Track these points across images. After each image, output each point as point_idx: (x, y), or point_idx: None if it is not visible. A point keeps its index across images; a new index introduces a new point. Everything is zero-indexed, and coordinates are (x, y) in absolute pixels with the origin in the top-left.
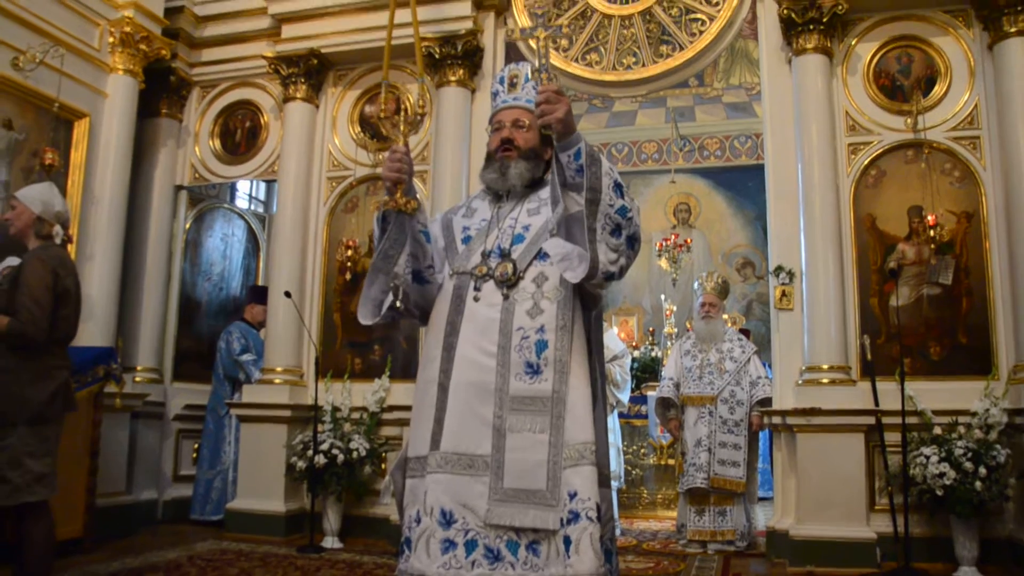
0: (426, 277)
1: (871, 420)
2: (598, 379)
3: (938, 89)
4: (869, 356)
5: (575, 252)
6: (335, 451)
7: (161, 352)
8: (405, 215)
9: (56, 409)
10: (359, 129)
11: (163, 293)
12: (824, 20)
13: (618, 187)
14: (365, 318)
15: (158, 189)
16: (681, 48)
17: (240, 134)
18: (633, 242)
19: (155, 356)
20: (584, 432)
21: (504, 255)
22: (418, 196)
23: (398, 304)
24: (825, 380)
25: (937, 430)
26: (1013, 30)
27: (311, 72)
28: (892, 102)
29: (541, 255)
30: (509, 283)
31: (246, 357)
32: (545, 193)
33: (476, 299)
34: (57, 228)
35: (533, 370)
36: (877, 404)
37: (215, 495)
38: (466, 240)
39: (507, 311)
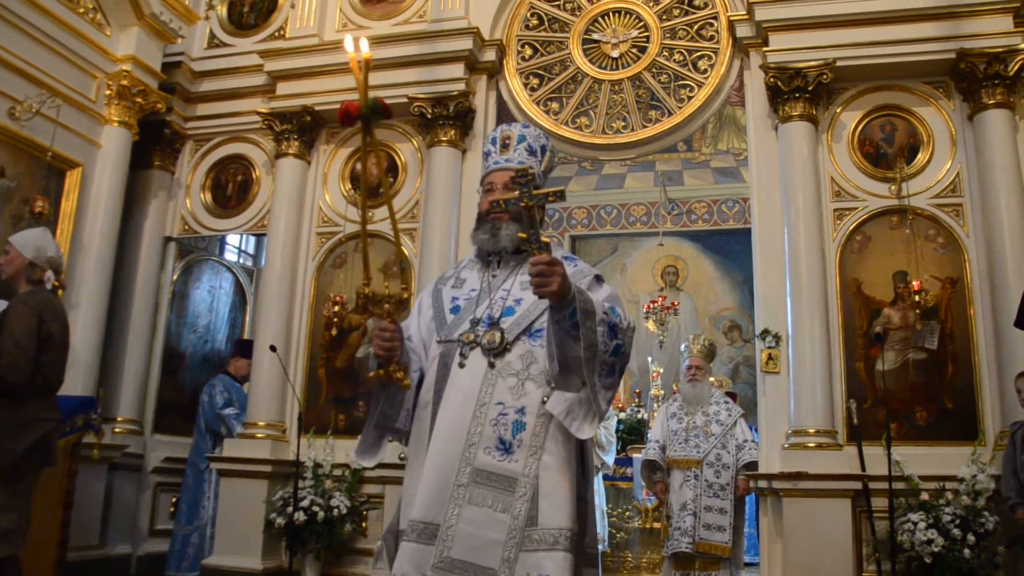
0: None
1: (858, 485)
2: (588, 461)
3: (921, 157)
4: (855, 420)
5: (576, 402)
6: (315, 508)
7: (143, 403)
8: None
9: (33, 463)
10: (350, 186)
11: (147, 343)
12: (810, 89)
13: (611, 329)
14: (368, 461)
15: (147, 240)
16: (670, 113)
17: (231, 188)
18: (624, 368)
19: (136, 407)
20: (561, 517)
21: (493, 324)
22: (413, 369)
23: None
24: (811, 444)
25: (924, 496)
26: (991, 102)
27: (304, 129)
28: (877, 169)
29: (531, 332)
30: (496, 351)
31: (229, 411)
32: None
33: (461, 365)
34: (49, 273)
35: (504, 448)
36: (864, 469)
37: (192, 551)
38: (455, 310)
39: (490, 382)
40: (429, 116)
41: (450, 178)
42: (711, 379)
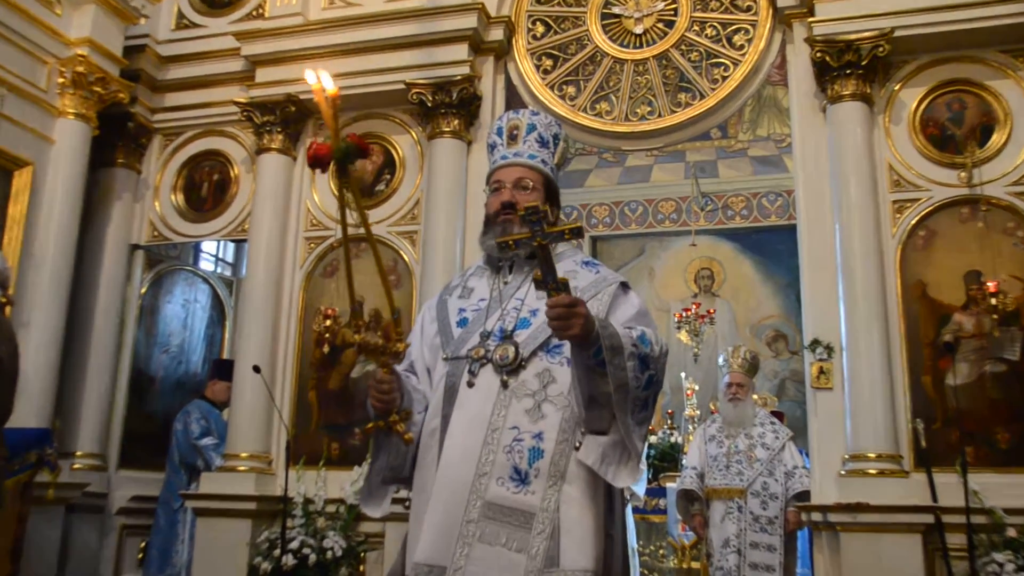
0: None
1: (929, 518)
2: (616, 492)
3: (996, 138)
4: (923, 443)
5: (610, 446)
6: (306, 550)
7: (106, 435)
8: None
9: None
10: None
11: (112, 366)
12: (863, 63)
13: (642, 361)
14: (374, 511)
15: (110, 248)
16: (702, 96)
17: (207, 188)
18: (657, 395)
19: (99, 439)
20: (585, 557)
21: (506, 337)
22: (417, 410)
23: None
24: (872, 471)
25: (1011, 532)
26: None
27: (288, 120)
28: (943, 154)
29: (549, 347)
30: (509, 368)
31: (206, 441)
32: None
33: (471, 385)
34: None
35: (520, 478)
36: (936, 500)
37: None
38: (462, 323)
39: (503, 403)
40: (429, 104)
41: (454, 174)
42: (754, 397)
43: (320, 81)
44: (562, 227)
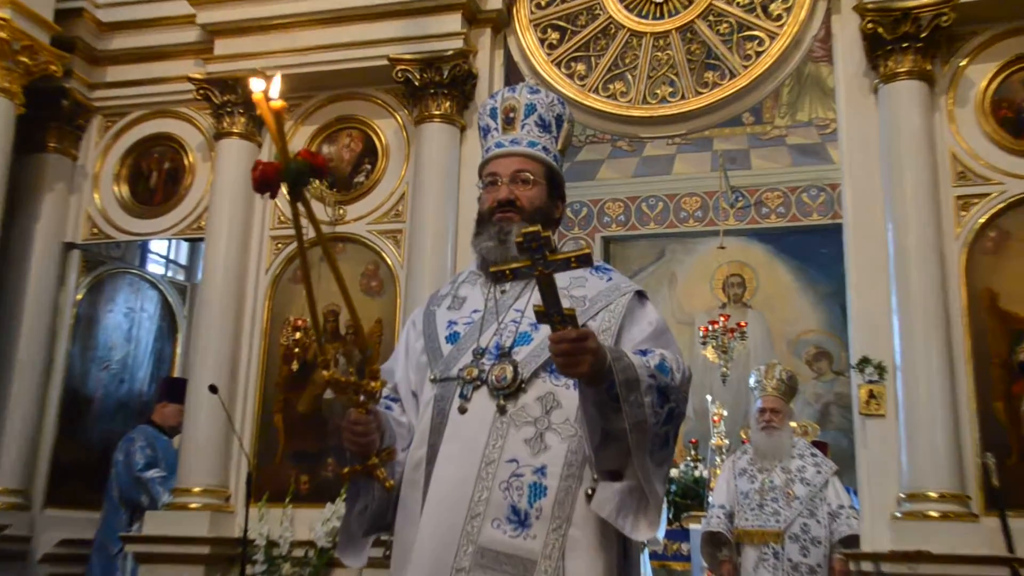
0: None
1: (1004, 572)
2: (631, 539)
3: None
4: (995, 481)
5: (627, 493)
6: None
7: (31, 467)
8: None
9: None
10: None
11: (39, 385)
12: (922, 36)
13: (662, 393)
14: (354, 561)
15: (39, 247)
16: (732, 75)
17: (156, 178)
18: (679, 427)
19: (21, 473)
20: None
21: (503, 355)
22: (400, 447)
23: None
24: (934, 513)
25: None
26: None
27: (252, 100)
28: (1017, 141)
29: (553, 368)
30: (507, 391)
31: (152, 473)
32: (562, 277)
33: (462, 410)
34: None
35: (519, 520)
36: (1012, 550)
37: None
38: (452, 338)
39: (499, 432)
40: (417, 83)
41: (445, 164)
42: (792, 424)
43: (265, 91)
44: (568, 254)
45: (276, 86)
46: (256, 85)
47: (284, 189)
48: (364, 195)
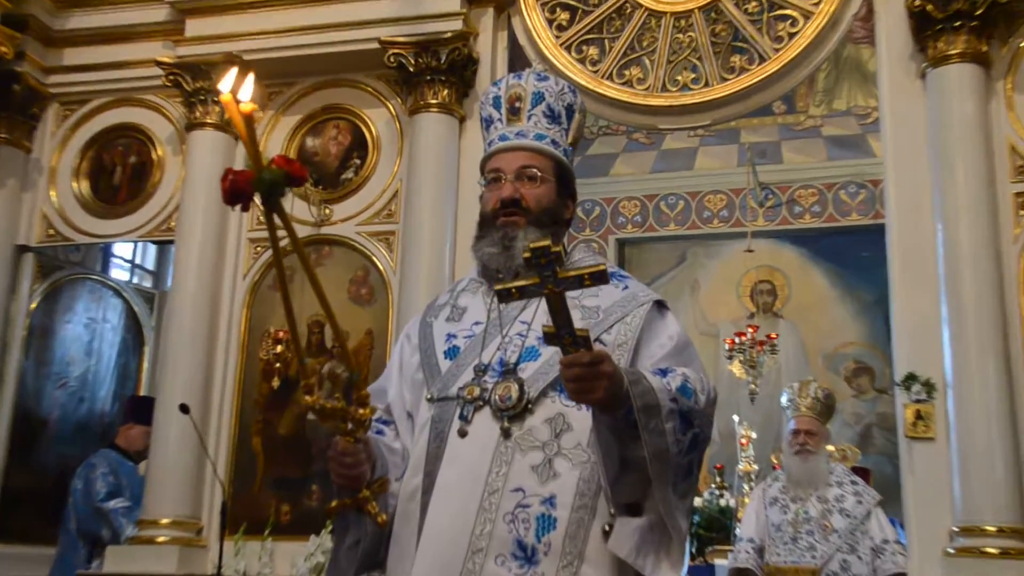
0: None
1: None
2: None
3: None
4: None
5: (648, 529)
6: None
7: None
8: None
9: None
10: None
11: None
12: (977, 13)
13: (685, 419)
14: None
15: None
16: (762, 58)
17: (120, 174)
18: (703, 454)
19: None
20: None
21: (508, 372)
22: (393, 476)
23: None
24: (991, 549)
25: None
26: None
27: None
28: None
29: (562, 387)
30: (512, 413)
31: (115, 503)
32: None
33: (462, 434)
34: None
35: (525, 556)
36: None
37: None
38: (451, 353)
39: (503, 458)
40: (411, 69)
41: (443, 158)
42: (829, 448)
43: (233, 91)
44: (581, 271)
45: (248, 87)
46: (224, 84)
47: (258, 200)
48: (353, 193)
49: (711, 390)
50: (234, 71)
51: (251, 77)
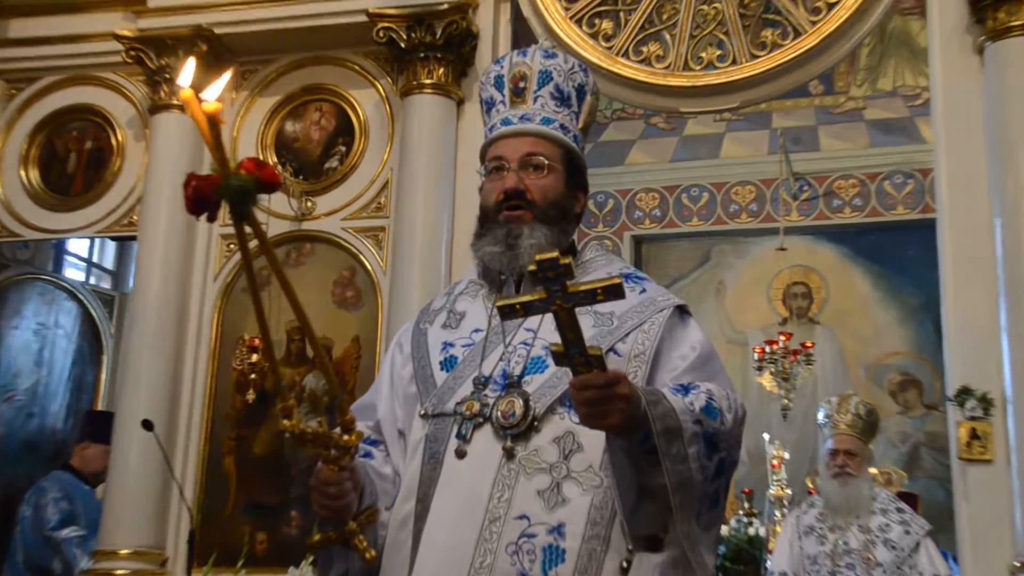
0: None
1: None
2: None
3: None
4: None
5: (670, 565)
6: None
7: None
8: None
9: None
10: (275, 158)
11: None
12: None
13: (710, 442)
14: None
15: None
16: (797, 33)
17: (75, 161)
18: (729, 481)
19: None
20: None
21: (511, 385)
22: (383, 505)
23: None
24: None
25: None
26: None
27: (198, 65)
28: None
29: (572, 402)
30: (516, 431)
31: (68, 532)
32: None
33: (460, 455)
34: None
35: None
36: None
37: None
38: (448, 364)
39: (506, 482)
40: (404, 45)
41: (438, 145)
42: (872, 471)
43: (195, 88)
44: (593, 284)
45: (217, 86)
46: (184, 78)
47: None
48: (338, 184)
49: (739, 408)
50: (191, 63)
51: (225, 76)
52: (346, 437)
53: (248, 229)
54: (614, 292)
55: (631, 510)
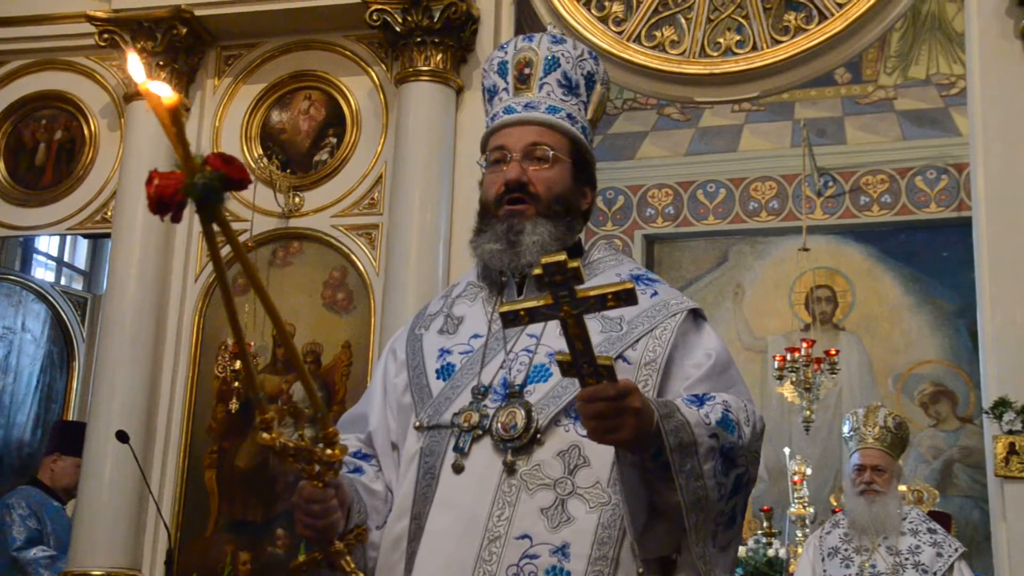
0: None
1: None
2: None
3: None
4: None
5: None
6: None
7: None
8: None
9: None
10: (260, 150)
11: None
12: None
13: (727, 458)
14: None
15: None
16: (822, 16)
17: (44, 153)
18: (747, 498)
19: None
20: None
21: (513, 395)
22: (373, 523)
23: None
24: None
25: None
26: None
27: (177, 48)
28: None
29: (577, 414)
30: (518, 444)
31: (35, 553)
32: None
33: (458, 470)
34: None
35: None
36: None
37: None
38: (445, 372)
39: (507, 498)
40: (399, 29)
41: (436, 136)
42: (901, 489)
43: (149, 83)
44: (604, 289)
45: (139, 71)
46: (136, 72)
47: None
48: (328, 178)
49: (757, 420)
50: (135, 58)
51: (135, 60)
52: (329, 451)
53: (217, 230)
54: (627, 298)
55: (642, 530)
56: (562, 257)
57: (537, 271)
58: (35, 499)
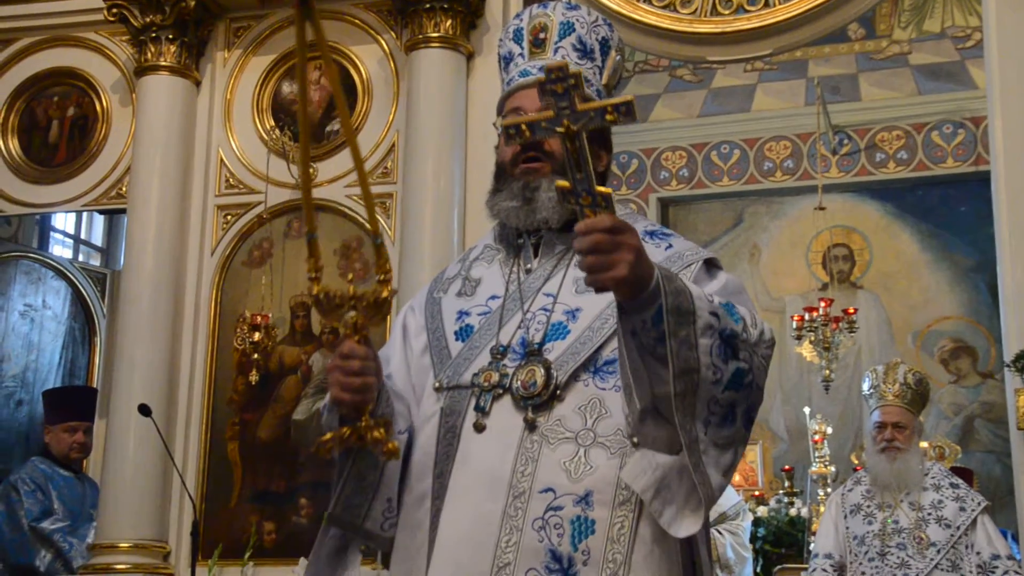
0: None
1: None
2: None
3: None
4: None
5: (674, 472)
6: None
7: None
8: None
9: None
10: (272, 122)
11: None
12: None
13: (728, 342)
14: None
15: None
16: None
17: (57, 130)
18: (755, 412)
19: None
20: None
21: (532, 353)
22: (397, 428)
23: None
24: None
25: None
26: None
27: (185, 21)
28: None
29: (597, 366)
30: (538, 401)
31: (49, 525)
32: None
33: (479, 428)
34: None
35: (561, 568)
36: None
37: None
38: (464, 333)
39: (529, 454)
40: None
41: (448, 103)
42: (923, 445)
43: None
44: (604, 102)
45: None
46: None
47: None
48: (340, 148)
49: (767, 329)
50: None
51: None
52: (382, 290)
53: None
54: (627, 111)
55: (639, 421)
56: (565, 62)
57: (540, 78)
58: (40, 472)
